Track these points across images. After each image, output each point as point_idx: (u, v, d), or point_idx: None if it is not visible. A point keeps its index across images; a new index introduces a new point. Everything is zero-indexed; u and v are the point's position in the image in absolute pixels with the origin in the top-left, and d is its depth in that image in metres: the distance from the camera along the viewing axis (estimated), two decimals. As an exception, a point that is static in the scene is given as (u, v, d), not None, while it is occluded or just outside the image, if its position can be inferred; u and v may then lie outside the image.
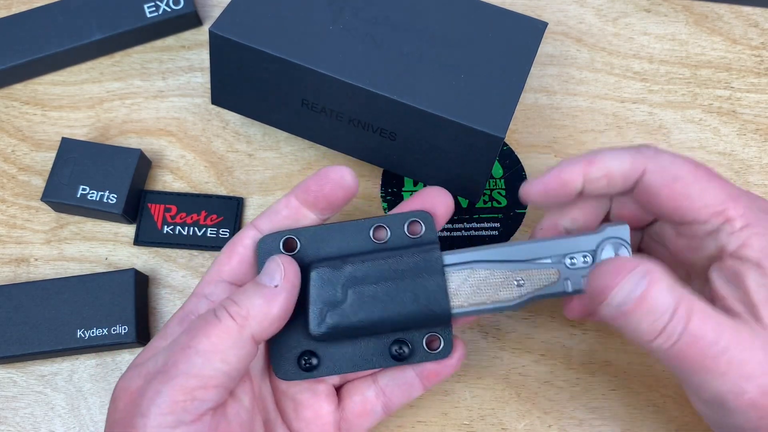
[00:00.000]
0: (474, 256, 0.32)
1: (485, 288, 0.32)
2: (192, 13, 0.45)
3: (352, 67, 0.36)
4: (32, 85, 0.45)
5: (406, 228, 0.33)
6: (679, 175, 0.29)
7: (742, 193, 0.30)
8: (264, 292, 0.29)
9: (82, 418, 0.38)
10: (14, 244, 0.41)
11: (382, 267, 0.32)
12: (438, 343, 0.33)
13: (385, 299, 0.32)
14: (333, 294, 0.32)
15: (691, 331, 0.26)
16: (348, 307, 0.32)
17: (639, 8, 0.47)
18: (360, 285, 0.32)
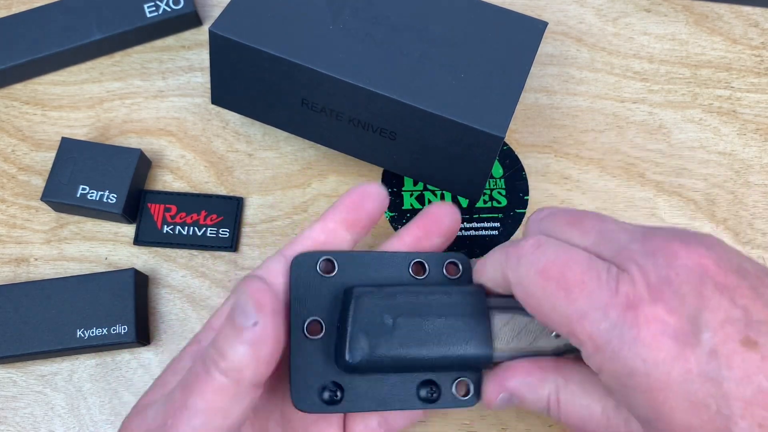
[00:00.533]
0: (514, 302, 0.30)
1: (525, 334, 0.30)
2: (192, 13, 0.45)
3: (352, 67, 0.36)
4: (32, 85, 0.45)
5: (444, 267, 0.32)
6: (530, 291, 0.27)
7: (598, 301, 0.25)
8: (245, 336, 0.26)
9: (81, 418, 0.38)
10: (14, 243, 0.41)
11: (428, 301, 0.30)
12: (467, 389, 0.31)
13: (428, 336, 0.30)
14: (374, 322, 0.29)
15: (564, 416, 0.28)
16: (389, 338, 0.29)
17: (639, 8, 0.47)
18: (403, 317, 0.30)
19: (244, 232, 0.41)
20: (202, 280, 0.40)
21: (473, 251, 0.41)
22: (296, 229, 0.41)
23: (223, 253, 0.41)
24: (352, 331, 0.29)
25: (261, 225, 0.42)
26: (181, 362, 0.30)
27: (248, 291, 0.27)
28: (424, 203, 0.42)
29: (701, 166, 0.43)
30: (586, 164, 0.43)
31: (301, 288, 0.31)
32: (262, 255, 0.41)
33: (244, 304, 0.26)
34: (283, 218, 0.42)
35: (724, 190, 0.42)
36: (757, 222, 0.42)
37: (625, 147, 0.43)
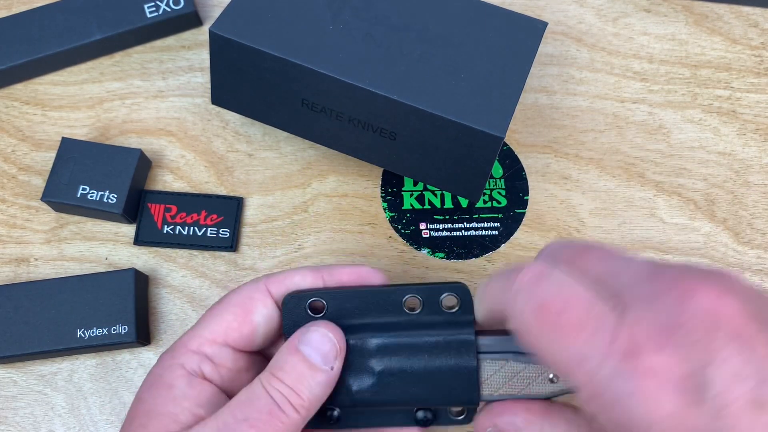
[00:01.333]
0: (509, 345, 0.29)
1: (517, 381, 0.29)
2: (192, 13, 0.45)
3: (352, 67, 0.36)
4: (32, 85, 0.45)
5: (441, 302, 0.30)
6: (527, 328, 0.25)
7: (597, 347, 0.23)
8: (323, 378, 0.28)
9: (82, 418, 0.38)
10: (14, 243, 0.41)
11: (414, 344, 0.30)
12: (462, 410, 0.31)
13: (415, 380, 0.30)
14: (362, 367, 0.30)
15: None
16: (377, 385, 0.30)
17: (639, 8, 0.47)
18: (389, 362, 0.30)
19: (244, 232, 0.41)
20: (202, 280, 0.40)
21: (473, 251, 0.41)
22: (296, 229, 0.41)
23: (223, 253, 0.41)
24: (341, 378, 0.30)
25: (261, 225, 0.42)
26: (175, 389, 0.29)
27: (334, 337, 0.29)
28: (424, 203, 0.42)
29: (701, 166, 0.43)
30: (586, 164, 0.43)
31: (293, 327, 0.31)
32: (262, 255, 0.41)
33: (329, 350, 0.29)
34: (283, 218, 0.42)
35: (723, 190, 0.42)
36: (756, 222, 0.42)
37: (625, 147, 0.43)
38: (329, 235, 0.41)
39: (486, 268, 0.41)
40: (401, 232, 0.41)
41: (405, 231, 0.41)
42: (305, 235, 0.41)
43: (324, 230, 0.41)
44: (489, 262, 0.41)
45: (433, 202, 0.42)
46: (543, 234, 0.41)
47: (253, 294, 0.31)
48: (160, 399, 0.29)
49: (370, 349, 0.30)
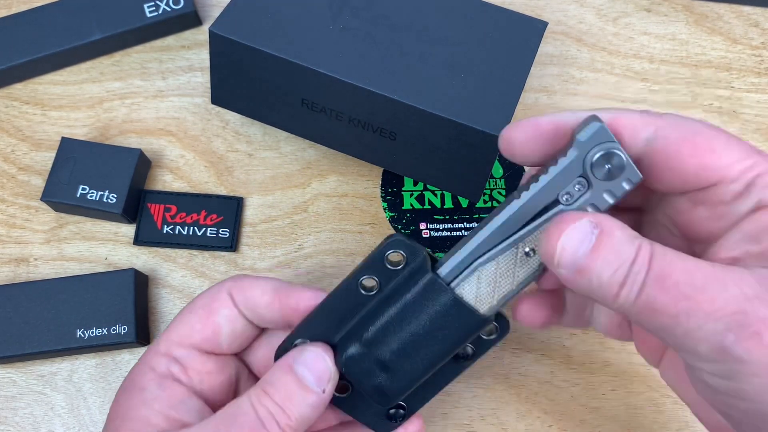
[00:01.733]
0: (467, 256, 0.28)
1: (501, 279, 0.28)
2: (192, 12, 0.45)
3: (352, 67, 0.36)
4: (32, 85, 0.45)
5: (388, 265, 0.29)
6: (697, 129, 0.24)
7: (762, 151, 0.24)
8: (313, 400, 0.28)
9: (81, 418, 0.38)
10: (14, 243, 0.41)
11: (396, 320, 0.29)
12: (494, 329, 0.30)
13: (423, 345, 0.29)
14: (373, 370, 0.29)
15: (654, 273, 0.23)
16: (396, 373, 0.29)
17: (639, 8, 0.47)
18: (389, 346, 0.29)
19: (244, 232, 0.41)
20: (202, 280, 0.40)
21: (473, 251, 0.41)
22: (296, 229, 0.41)
23: (223, 253, 0.41)
24: (368, 392, 0.30)
25: (261, 225, 0.42)
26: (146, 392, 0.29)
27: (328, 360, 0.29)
28: (424, 203, 0.42)
29: (701, 166, 0.43)
30: (586, 164, 0.43)
31: None
32: (262, 255, 0.41)
33: (323, 372, 0.28)
34: (283, 218, 0.42)
35: (724, 190, 0.42)
36: (757, 222, 0.42)
37: (626, 147, 0.43)
38: (329, 235, 0.41)
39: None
40: (401, 232, 0.41)
41: (405, 231, 0.41)
42: (305, 235, 0.41)
43: (324, 230, 0.41)
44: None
45: (433, 202, 0.42)
46: (543, 234, 0.41)
47: (215, 296, 0.31)
48: (133, 402, 0.29)
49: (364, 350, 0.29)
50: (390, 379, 0.29)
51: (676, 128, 0.25)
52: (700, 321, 0.22)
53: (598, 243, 0.23)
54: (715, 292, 0.22)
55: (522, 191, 0.27)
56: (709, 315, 0.22)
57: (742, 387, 0.22)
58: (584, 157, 0.25)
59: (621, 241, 0.23)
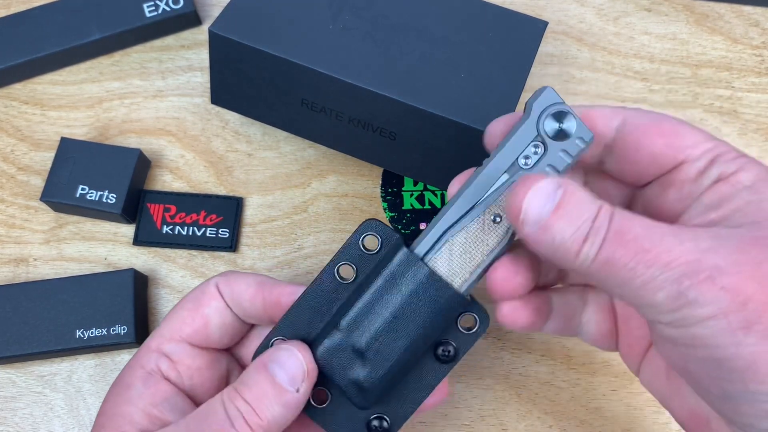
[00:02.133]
0: (438, 229, 0.28)
1: (472, 247, 0.28)
2: (191, 12, 0.45)
3: (352, 66, 0.36)
4: (31, 85, 0.45)
5: (363, 249, 0.29)
6: (663, 117, 0.27)
7: None
8: (286, 399, 0.27)
9: (81, 419, 0.38)
10: (13, 244, 0.41)
11: (371, 302, 0.29)
12: (473, 320, 0.30)
13: (399, 327, 0.28)
14: (350, 360, 0.29)
15: (614, 228, 0.24)
16: (373, 361, 0.28)
17: (639, 8, 0.47)
18: (366, 332, 0.29)
19: (243, 232, 0.41)
20: (202, 280, 0.40)
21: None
22: (296, 229, 0.41)
23: (223, 253, 0.41)
24: (342, 385, 0.29)
25: (261, 225, 0.42)
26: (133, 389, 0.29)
27: (302, 358, 0.28)
28: (424, 203, 0.42)
29: (702, 166, 0.43)
30: (586, 164, 0.43)
31: None
32: (261, 255, 0.41)
33: (296, 370, 0.27)
34: (283, 218, 0.42)
35: (724, 190, 0.42)
36: (757, 222, 0.41)
37: (626, 147, 0.43)
38: (329, 235, 0.41)
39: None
40: (401, 232, 0.41)
41: (405, 231, 0.41)
42: (305, 235, 0.41)
43: (324, 230, 0.41)
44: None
45: (433, 202, 0.42)
46: (543, 234, 0.41)
47: (204, 289, 0.31)
48: (119, 399, 0.29)
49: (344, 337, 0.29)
50: (367, 369, 0.29)
51: (644, 116, 0.27)
52: (658, 271, 0.23)
53: (562, 201, 0.24)
54: (672, 244, 0.23)
55: (484, 161, 0.28)
56: (666, 264, 0.23)
57: (697, 332, 0.23)
58: (537, 120, 0.27)
59: (583, 200, 0.24)
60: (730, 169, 0.26)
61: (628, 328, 0.31)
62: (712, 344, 0.23)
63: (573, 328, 0.32)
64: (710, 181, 0.26)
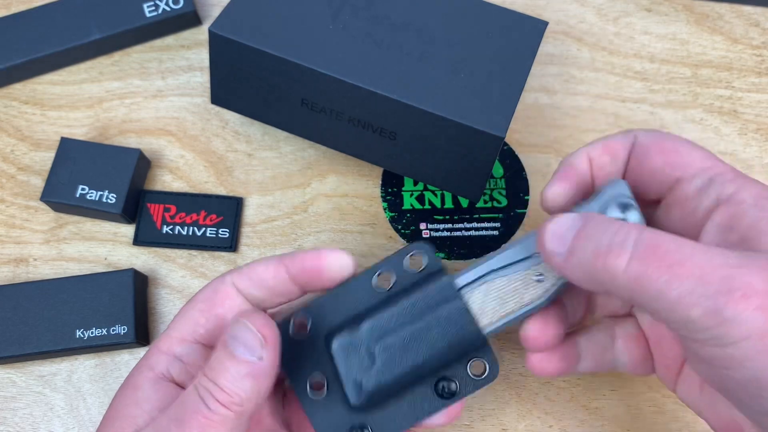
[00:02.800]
0: (484, 269, 0.30)
1: (508, 296, 0.30)
2: (191, 12, 0.45)
3: (352, 66, 0.36)
4: (31, 85, 0.45)
5: (407, 266, 0.31)
6: (667, 135, 0.29)
7: None
8: (251, 370, 0.26)
9: (81, 419, 0.38)
10: (13, 244, 0.41)
11: (398, 314, 0.30)
12: (483, 367, 0.31)
13: (414, 345, 0.30)
14: (361, 359, 0.30)
15: (645, 242, 0.24)
16: (381, 367, 0.30)
17: (640, 8, 0.47)
18: (383, 339, 0.30)
19: (243, 232, 0.41)
20: (202, 280, 0.40)
21: (473, 251, 0.41)
22: (296, 229, 0.41)
23: (223, 254, 0.41)
24: (346, 377, 0.30)
25: (261, 225, 0.42)
26: (140, 391, 0.29)
27: (254, 325, 0.27)
28: (424, 203, 0.42)
29: (702, 166, 0.43)
30: (586, 164, 0.43)
31: (287, 353, 0.30)
32: (261, 255, 0.41)
33: (250, 339, 0.27)
34: (283, 218, 0.42)
35: (724, 190, 0.42)
36: (757, 222, 0.41)
37: (626, 147, 0.43)
38: (329, 235, 0.41)
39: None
40: (401, 232, 0.41)
41: (405, 231, 0.41)
42: (305, 235, 0.41)
43: (324, 230, 0.41)
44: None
45: (434, 202, 0.42)
46: (543, 234, 0.41)
47: (217, 287, 0.31)
48: (126, 400, 0.29)
49: (364, 338, 0.30)
50: (372, 373, 0.30)
51: (650, 135, 0.30)
52: (692, 285, 0.23)
53: (584, 224, 0.26)
54: (704, 260, 0.23)
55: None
56: (700, 278, 0.23)
57: (733, 353, 0.23)
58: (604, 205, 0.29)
59: (604, 221, 0.26)
60: (729, 190, 0.27)
61: (662, 350, 0.32)
62: (748, 366, 0.23)
63: (607, 363, 0.33)
64: (710, 200, 0.27)
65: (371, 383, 0.30)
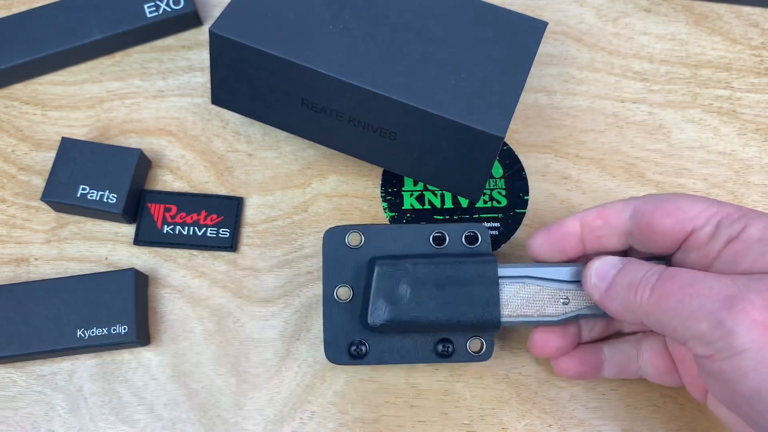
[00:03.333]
0: (526, 271, 0.34)
1: (534, 302, 0.34)
2: (192, 12, 0.45)
3: (352, 67, 0.36)
4: (32, 85, 0.45)
5: (463, 238, 0.36)
6: (666, 197, 0.32)
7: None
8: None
9: (82, 418, 0.38)
10: (14, 243, 0.41)
11: (441, 271, 0.34)
12: (480, 345, 0.35)
13: (442, 302, 0.33)
14: (393, 290, 0.34)
15: (665, 274, 0.29)
16: (406, 304, 0.33)
17: (639, 8, 0.47)
18: (419, 285, 0.34)
19: (244, 232, 0.41)
20: (202, 280, 0.40)
21: (473, 251, 0.41)
22: (296, 229, 0.41)
23: (223, 253, 0.41)
24: (374, 298, 0.34)
25: (261, 225, 0.42)
26: None
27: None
28: (424, 203, 0.42)
29: (701, 166, 0.43)
30: (586, 164, 0.43)
31: (332, 259, 0.36)
32: (262, 255, 0.41)
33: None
34: (283, 218, 0.42)
35: (724, 190, 0.42)
36: (757, 222, 0.42)
37: (625, 147, 0.43)
38: (329, 235, 0.41)
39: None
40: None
41: (405, 231, 0.41)
42: (305, 235, 0.41)
43: (324, 230, 0.41)
44: (489, 262, 0.41)
45: (433, 202, 0.42)
46: (543, 234, 0.41)
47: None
48: None
49: (404, 274, 0.34)
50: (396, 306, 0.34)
51: (650, 202, 0.32)
52: (701, 301, 0.27)
53: (624, 265, 0.31)
54: (713, 282, 0.28)
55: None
56: (707, 296, 0.27)
57: (737, 364, 0.26)
58: None
59: (640, 263, 0.31)
60: (737, 229, 0.30)
61: (686, 368, 0.34)
62: (751, 377, 0.26)
63: (632, 372, 0.36)
64: (721, 242, 0.30)
65: (392, 314, 0.33)
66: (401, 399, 0.38)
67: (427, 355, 0.35)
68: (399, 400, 0.38)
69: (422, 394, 0.38)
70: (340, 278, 0.36)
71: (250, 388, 0.38)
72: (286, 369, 0.39)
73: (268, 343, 0.39)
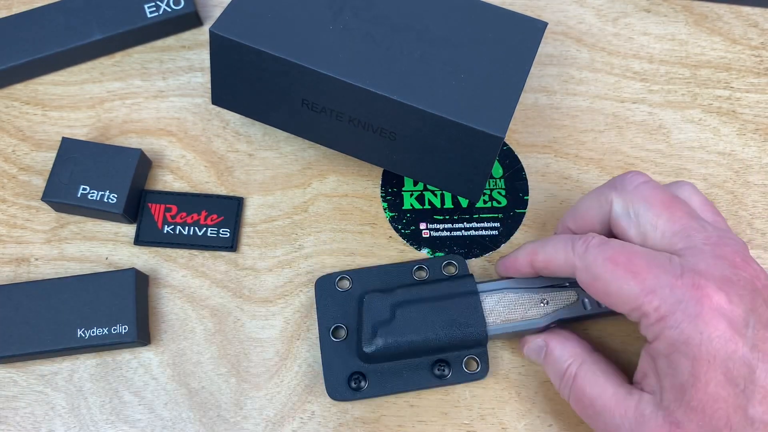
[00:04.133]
0: (502, 284, 0.37)
1: (516, 307, 0.36)
2: (192, 13, 0.45)
3: (352, 67, 0.36)
4: (33, 85, 0.45)
5: (442, 269, 0.39)
6: (597, 274, 0.31)
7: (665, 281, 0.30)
8: None
9: (82, 418, 0.38)
10: (14, 243, 0.41)
11: (424, 292, 0.36)
12: (476, 364, 0.37)
13: (428, 319, 0.36)
14: (382, 315, 0.36)
15: (576, 387, 0.33)
16: (396, 326, 0.35)
17: (639, 8, 0.47)
18: (407, 305, 0.36)
19: (244, 232, 0.41)
20: (203, 280, 0.40)
21: (473, 251, 0.41)
22: (296, 229, 0.41)
23: (224, 253, 0.41)
24: (365, 326, 0.36)
25: (261, 225, 0.42)
26: None
27: None
28: (424, 203, 0.42)
29: (701, 166, 0.43)
30: (585, 164, 0.43)
31: (325, 303, 0.38)
32: (262, 255, 0.41)
33: None
34: (283, 218, 0.42)
35: (723, 190, 0.42)
36: (756, 222, 0.42)
37: (625, 147, 0.43)
38: (329, 235, 0.41)
39: (486, 267, 0.41)
40: (401, 232, 0.41)
41: (405, 231, 0.41)
42: (305, 235, 0.41)
43: (324, 230, 0.41)
44: (489, 262, 0.41)
45: (433, 202, 0.42)
46: (543, 234, 0.41)
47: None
48: None
49: (391, 300, 0.36)
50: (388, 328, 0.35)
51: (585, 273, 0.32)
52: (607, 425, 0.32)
53: (545, 357, 0.36)
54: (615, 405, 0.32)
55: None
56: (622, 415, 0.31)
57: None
58: None
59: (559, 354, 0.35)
60: (650, 336, 0.30)
61: None
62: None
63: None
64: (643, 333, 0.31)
65: (384, 337, 0.35)
66: (401, 399, 0.38)
67: (425, 379, 0.37)
68: (399, 400, 0.38)
69: (422, 394, 0.38)
70: (335, 319, 0.38)
71: (250, 387, 0.38)
72: (286, 369, 0.39)
73: (268, 343, 0.39)
